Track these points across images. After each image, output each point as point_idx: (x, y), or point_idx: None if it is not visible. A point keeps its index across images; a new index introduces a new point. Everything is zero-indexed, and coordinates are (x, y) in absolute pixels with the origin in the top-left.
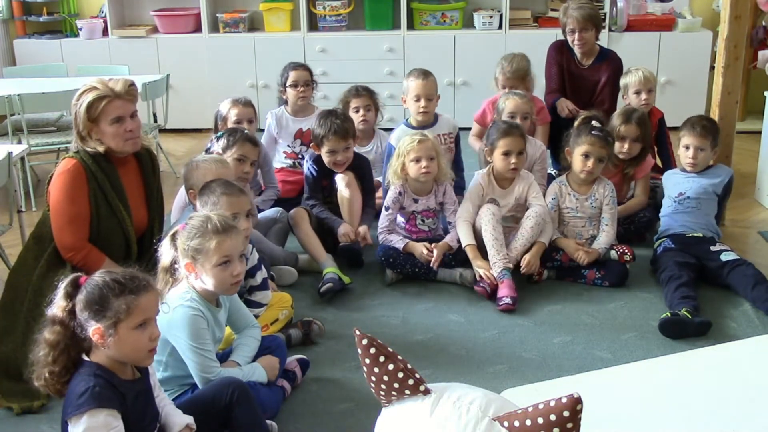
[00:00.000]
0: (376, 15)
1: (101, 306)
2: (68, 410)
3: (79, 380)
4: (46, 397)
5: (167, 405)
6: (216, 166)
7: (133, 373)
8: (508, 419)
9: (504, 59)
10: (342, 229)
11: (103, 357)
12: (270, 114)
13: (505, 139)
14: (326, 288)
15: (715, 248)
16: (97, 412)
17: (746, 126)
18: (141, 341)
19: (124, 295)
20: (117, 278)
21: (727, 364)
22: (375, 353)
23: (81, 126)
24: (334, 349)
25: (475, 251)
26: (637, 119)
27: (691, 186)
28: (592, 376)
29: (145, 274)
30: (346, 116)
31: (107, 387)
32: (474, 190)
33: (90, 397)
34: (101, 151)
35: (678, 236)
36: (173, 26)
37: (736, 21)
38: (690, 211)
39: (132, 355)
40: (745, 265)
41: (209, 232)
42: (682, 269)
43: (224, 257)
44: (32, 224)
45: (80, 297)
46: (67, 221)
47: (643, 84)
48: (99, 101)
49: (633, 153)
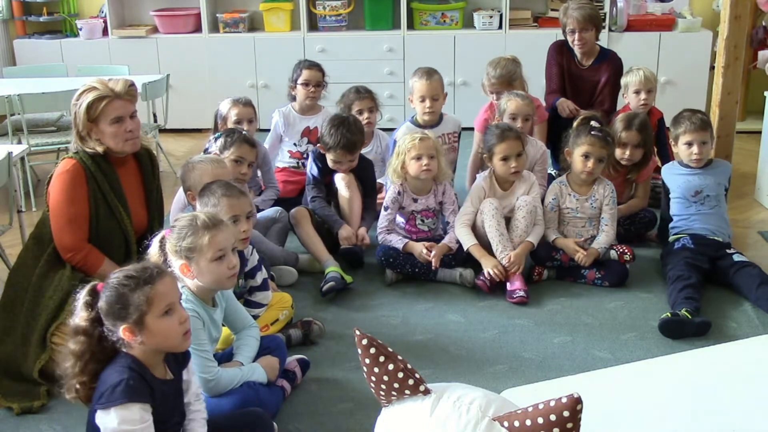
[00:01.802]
0: (376, 15)
1: (122, 305)
2: (101, 400)
3: (113, 371)
4: (46, 397)
5: (195, 420)
6: (213, 167)
7: (166, 373)
8: (508, 419)
9: (490, 64)
10: (343, 232)
11: (138, 351)
12: (277, 112)
13: (502, 144)
14: (328, 287)
15: (731, 251)
16: (131, 406)
17: (746, 126)
18: (172, 327)
19: (140, 287)
20: (129, 273)
21: (727, 364)
22: (375, 353)
23: (81, 126)
24: (334, 349)
25: (480, 250)
26: (639, 125)
27: (706, 183)
28: (592, 376)
29: (155, 262)
30: (358, 126)
31: (140, 380)
32: (475, 192)
33: (125, 389)
34: (100, 151)
35: (698, 237)
36: (173, 26)
37: (736, 21)
38: (713, 211)
39: (167, 343)
40: (752, 266)
41: (200, 229)
42: (692, 271)
43: (219, 251)
44: (32, 224)
45: (101, 304)
46: (67, 221)
47: (643, 84)
48: (99, 101)
49: (635, 159)
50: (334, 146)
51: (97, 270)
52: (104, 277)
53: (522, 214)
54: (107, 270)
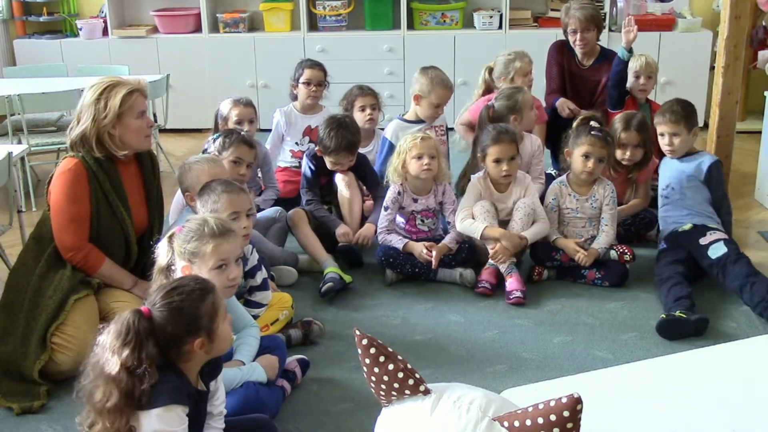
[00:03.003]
0: (376, 15)
1: (196, 318)
2: (140, 401)
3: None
4: (46, 397)
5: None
6: (209, 166)
7: (198, 384)
8: (508, 419)
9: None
10: (340, 229)
11: (192, 363)
12: (278, 111)
13: (495, 147)
14: (327, 288)
15: (705, 241)
16: (175, 408)
17: (746, 126)
18: (228, 330)
19: (207, 297)
20: (193, 288)
21: (727, 364)
22: (375, 353)
23: (107, 121)
24: (334, 349)
25: (496, 229)
26: (637, 125)
27: (672, 175)
28: (592, 376)
29: (194, 276)
30: (355, 126)
31: (182, 383)
32: (471, 191)
33: (170, 391)
34: (101, 156)
35: (670, 235)
36: (173, 26)
37: (736, 21)
38: (676, 202)
39: (226, 346)
40: (732, 263)
41: (206, 236)
42: (673, 268)
43: (220, 261)
44: (32, 224)
45: (163, 324)
46: (68, 221)
47: (644, 69)
48: (130, 95)
49: (636, 159)
50: (336, 149)
51: (97, 270)
52: (105, 276)
53: (519, 215)
54: (107, 270)
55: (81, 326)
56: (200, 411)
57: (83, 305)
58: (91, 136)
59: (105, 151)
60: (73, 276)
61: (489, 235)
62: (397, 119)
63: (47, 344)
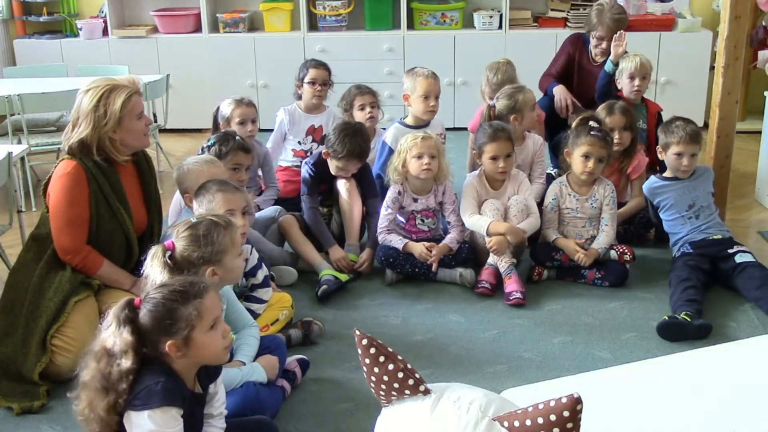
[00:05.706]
0: (376, 15)
1: (172, 320)
2: (135, 401)
3: (148, 374)
4: (46, 397)
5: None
6: (207, 167)
7: (195, 386)
8: (508, 419)
9: (489, 70)
10: (336, 254)
11: (177, 364)
12: (282, 110)
13: (492, 144)
14: (323, 290)
15: (733, 250)
16: (168, 410)
17: (746, 126)
18: (215, 341)
19: (189, 301)
20: (176, 288)
21: (727, 364)
22: (375, 353)
23: (107, 128)
24: (334, 349)
25: (502, 224)
26: (620, 108)
27: (697, 194)
28: (592, 376)
29: (198, 277)
30: (366, 134)
31: (176, 384)
32: (468, 191)
33: (162, 392)
34: (99, 159)
35: (701, 241)
36: (173, 26)
37: (736, 21)
38: (707, 217)
39: (209, 356)
40: (754, 267)
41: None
42: (693, 272)
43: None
44: (32, 224)
45: (144, 319)
46: (66, 223)
47: (638, 70)
48: (129, 100)
49: (626, 143)
50: (347, 155)
51: (96, 271)
52: (104, 278)
53: (513, 212)
54: (106, 271)
55: (81, 328)
56: (196, 414)
57: (84, 307)
58: (91, 143)
59: (104, 155)
60: (74, 277)
61: (495, 229)
62: (398, 123)
63: (47, 347)
